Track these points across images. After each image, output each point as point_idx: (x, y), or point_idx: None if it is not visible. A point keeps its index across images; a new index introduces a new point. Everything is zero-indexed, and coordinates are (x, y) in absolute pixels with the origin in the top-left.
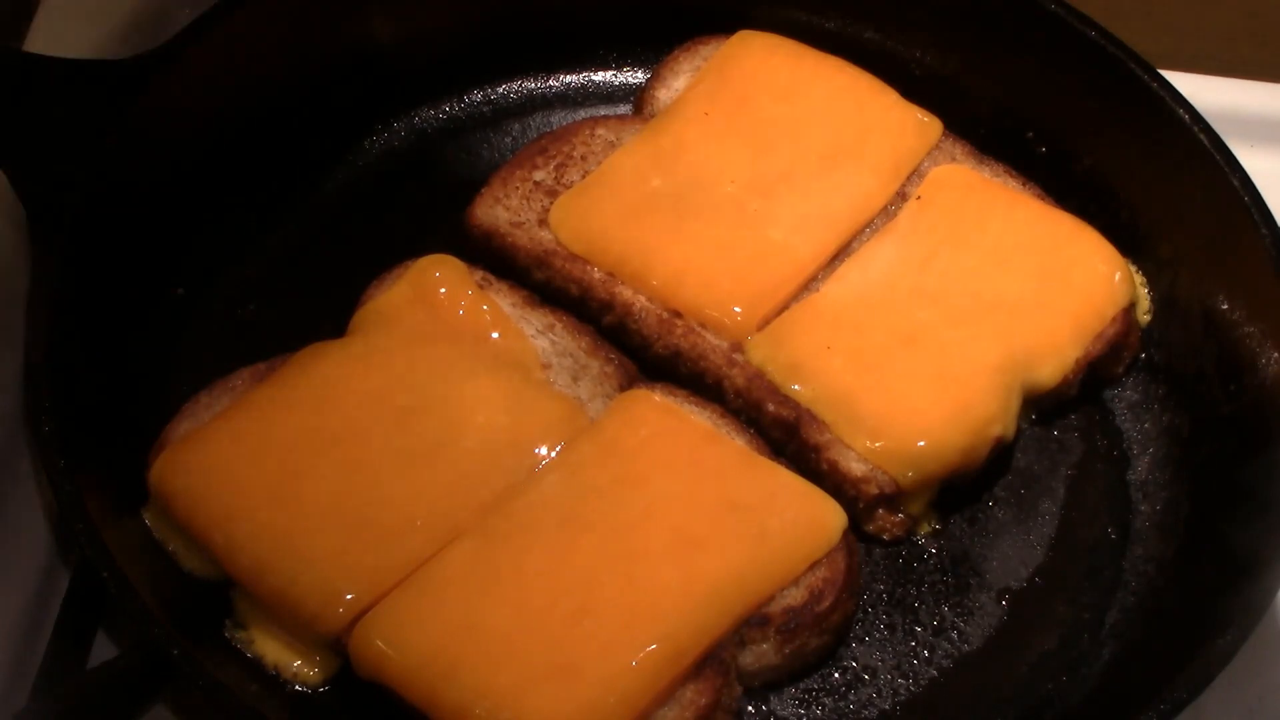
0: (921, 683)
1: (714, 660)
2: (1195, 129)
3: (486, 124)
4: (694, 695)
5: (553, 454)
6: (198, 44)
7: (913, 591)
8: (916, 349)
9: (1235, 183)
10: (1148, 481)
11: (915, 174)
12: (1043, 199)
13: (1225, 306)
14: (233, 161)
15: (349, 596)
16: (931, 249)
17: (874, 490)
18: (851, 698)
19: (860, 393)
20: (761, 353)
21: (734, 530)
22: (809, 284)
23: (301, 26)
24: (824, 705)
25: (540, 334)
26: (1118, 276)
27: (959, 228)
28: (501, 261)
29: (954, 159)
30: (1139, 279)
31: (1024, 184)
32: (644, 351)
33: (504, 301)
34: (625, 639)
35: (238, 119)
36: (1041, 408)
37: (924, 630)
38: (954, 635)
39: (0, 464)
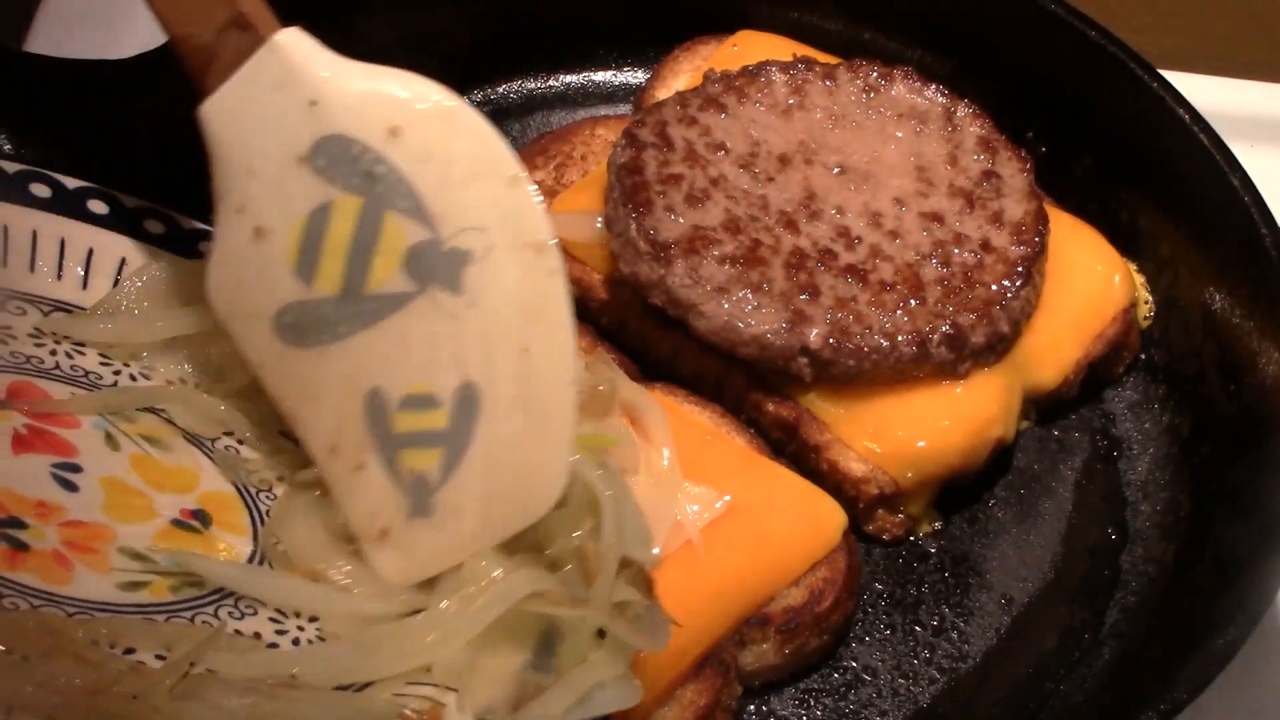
0: (921, 682)
1: (714, 660)
2: (1195, 129)
3: None
4: (694, 695)
5: None
6: None
7: (913, 591)
8: None
9: (1235, 183)
10: (1148, 481)
11: None
12: (1042, 199)
13: (1225, 306)
14: None
15: None
16: None
17: (874, 490)
18: (851, 698)
19: (860, 393)
20: None
21: (734, 530)
22: None
23: (301, 26)
24: (824, 705)
25: None
26: (1117, 277)
27: None
28: None
29: None
30: (1139, 279)
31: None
32: (644, 352)
33: None
34: None
35: None
36: (1042, 408)
37: (924, 630)
38: (954, 635)
39: None
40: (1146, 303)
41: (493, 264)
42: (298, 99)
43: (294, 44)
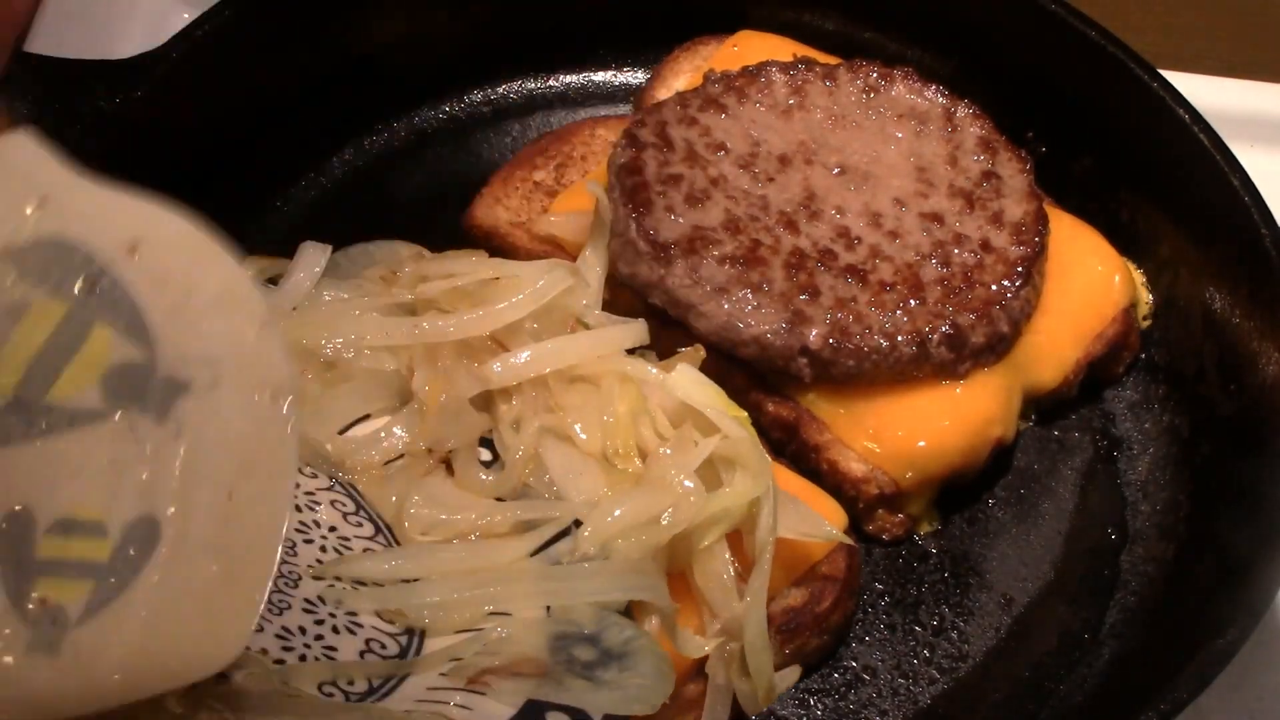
0: (921, 682)
1: None
2: (1195, 129)
3: (486, 124)
4: (696, 694)
5: None
6: (198, 44)
7: (913, 591)
8: None
9: (1235, 183)
10: (1148, 481)
11: None
12: (1042, 199)
13: (1225, 306)
14: (233, 161)
15: None
16: None
17: (874, 490)
18: (851, 698)
19: (860, 393)
20: None
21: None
22: None
23: (301, 27)
24: (824, 705)
25: None
26: (1117, 277)
27: None
28: None
29: None
30: (1139, 279)
31: None
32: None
33: None
34: None
35: (237, 119)
36: (1042, 408)
37: (924, 630)
38: (954, 635)
39: None
40: (1146, 303)
41: (214, 400)
42: (25, 189)
43: (22, 144)
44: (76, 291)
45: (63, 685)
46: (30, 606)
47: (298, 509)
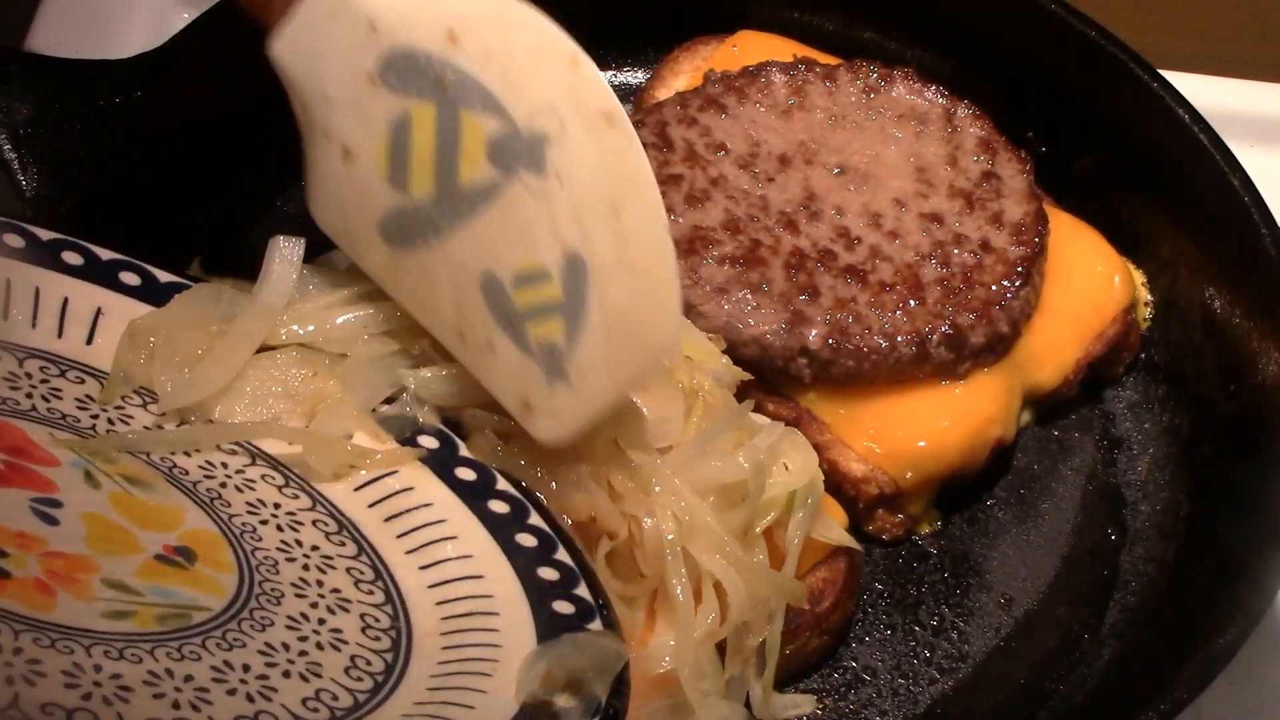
0: (921, 682)
1: None
2: (1195, 129)
3: None
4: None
5: None
6: (198, 44)
7: (913, 591)
8: None
9: (1235, 183)
10: (1148, 481)
11: None
12: (1042, 200)
13: (1225, 306)
14: (233, 162)
15: None
16: None
17: (874, 490)
18: (851, 698)
19: (860, 393)
20: None
21: None
22: None
23: None
24: (824, 705)
25: None
26: (1117, 277)
27: None
28: None
29: None
30: (1139, 279)
31: None
32: None
33: None
34: None
35: (237, 119)
36: (1042, 408)
37: (924, 630)
38: (954, 635)
39: None
40: (1146, 303)
41: (569, 140)
42: (356, 23)
43: None
44: (434, 88)
45: (579, 401)
46: (533, 347)
47: (279, 528)
